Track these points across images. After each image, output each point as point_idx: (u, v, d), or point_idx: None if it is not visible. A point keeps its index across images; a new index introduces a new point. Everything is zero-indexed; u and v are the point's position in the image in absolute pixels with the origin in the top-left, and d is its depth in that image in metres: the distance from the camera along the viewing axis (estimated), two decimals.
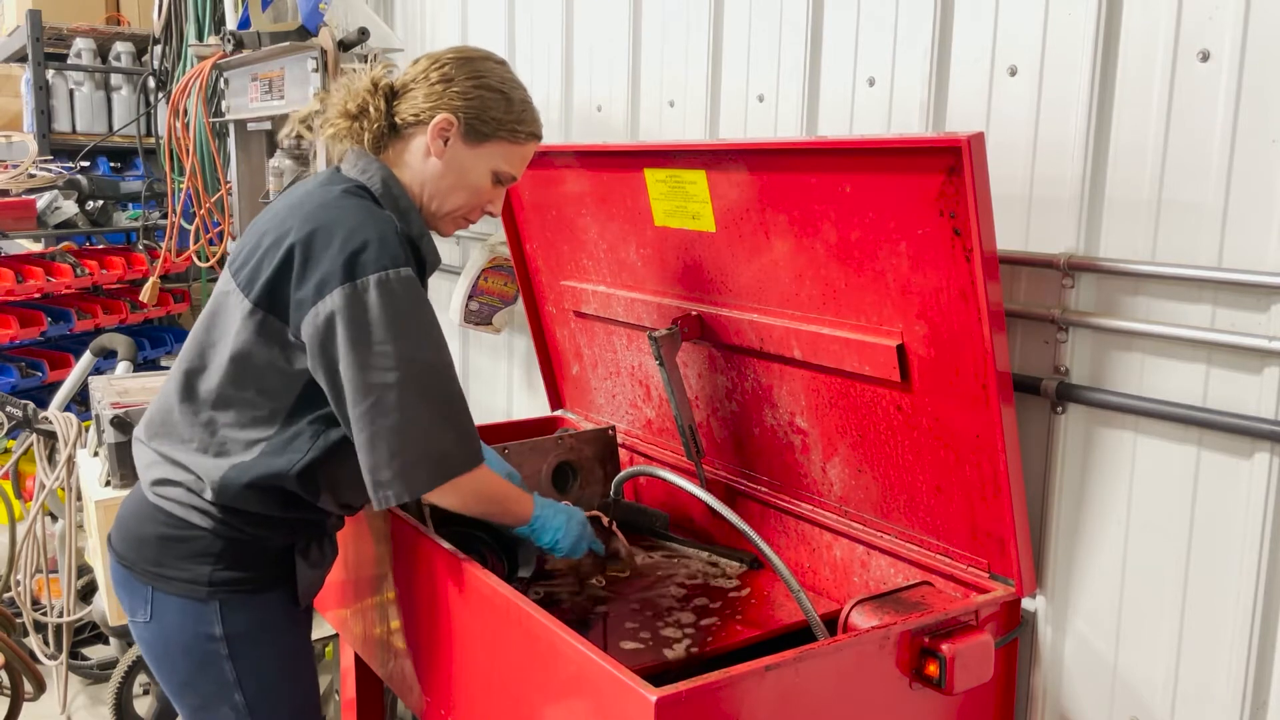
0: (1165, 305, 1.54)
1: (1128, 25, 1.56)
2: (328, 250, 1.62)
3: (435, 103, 1.75)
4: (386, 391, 1.61)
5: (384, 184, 1.77)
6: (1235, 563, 1.49)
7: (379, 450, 1.63)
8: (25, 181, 4.45)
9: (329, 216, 1.66)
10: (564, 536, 1.87)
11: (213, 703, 1.78)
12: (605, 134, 2.66)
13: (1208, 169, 1.47)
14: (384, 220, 1.69)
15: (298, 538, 1.80)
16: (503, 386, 3.27)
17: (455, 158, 1.77)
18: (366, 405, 1.61)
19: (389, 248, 1.63)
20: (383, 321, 1.61)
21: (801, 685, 1.45)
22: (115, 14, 5.67)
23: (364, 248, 1.62)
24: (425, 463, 1.65)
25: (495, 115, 1.76)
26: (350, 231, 1.63)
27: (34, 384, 4.36)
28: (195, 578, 1.73)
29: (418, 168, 1.78)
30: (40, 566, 3.31)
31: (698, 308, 2.08)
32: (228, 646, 1.75)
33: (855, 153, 1.64)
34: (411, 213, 1.78)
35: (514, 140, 1.79)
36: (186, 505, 1.73)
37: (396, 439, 1.62)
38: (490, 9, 3.14)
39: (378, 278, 1.61)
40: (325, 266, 1.62)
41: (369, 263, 1.61)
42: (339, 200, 1.71)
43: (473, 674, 1.79)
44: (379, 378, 1.61)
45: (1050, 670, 1.75)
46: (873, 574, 1.92)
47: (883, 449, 1.81)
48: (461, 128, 1.75)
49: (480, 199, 1.82)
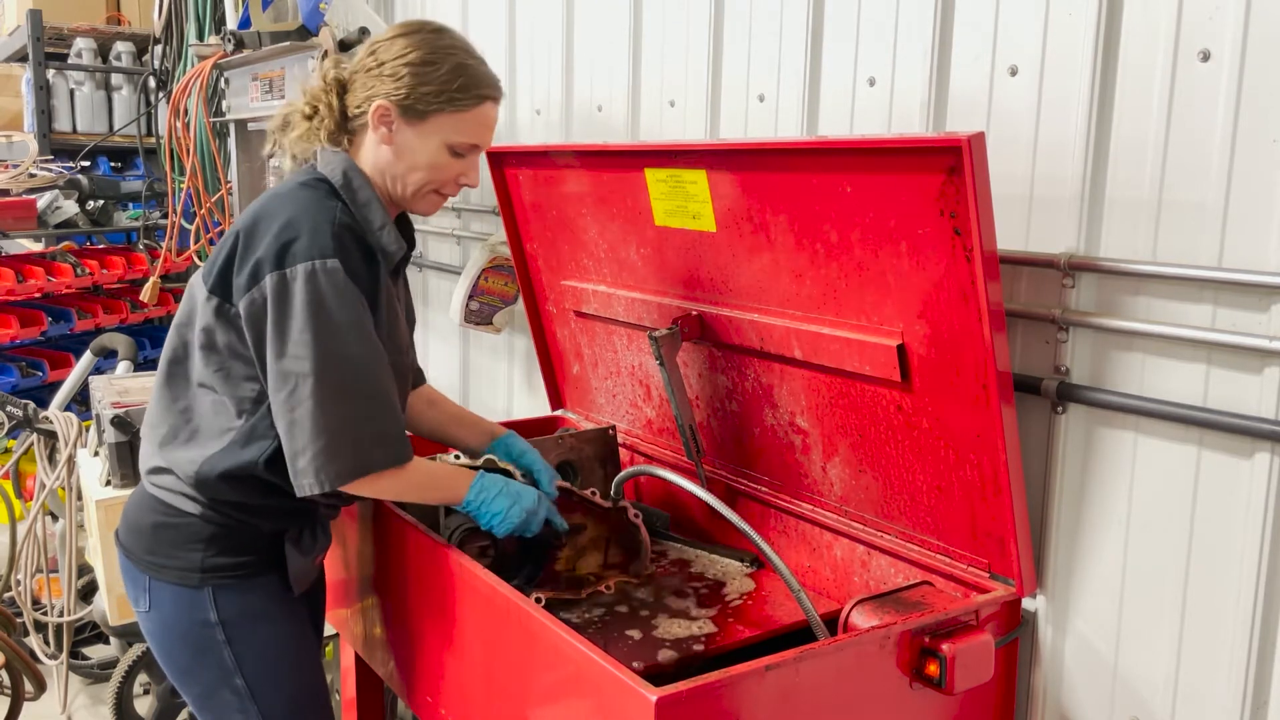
0: (1166, 305, 1.54)
1: (1128, 25, 1.56)
2: (265, 238, 1.66)
3: (371, 90, 1.75)
4: (302, 381, 1.63)
5: (344, 176, 1.76)
6: (1236, 563, 1.49)
7: (295, 439, 1.65)
8: (26, 181, 4.45)
9: (274, 206, 1.70)
10: (501, 521, 1.83)
11: (214, 689, 1.80)
12: (606, 134, 2.66)
13: (1208, 169, 1.47)
14: (324, 211, 1.69)
15: (288, 524, 1.81)
16: (503, 386, 3.27)
17: (403, 141, 1.76)
18: (285, 393, 1.64)
19: (319, 239, 1.64)
20: (303, 312, 1.62)
21: (802, 685, 1.45)
22: (116, 14, 5.67)
23: (296, 238, 1.64)
24: (339, 457, 1.65)
25: (428, 89, 1.73)
26: (287, 221, 1.66)
27: (34, 384, 4.36)
28: (188, 565, 1.76)
29: (373, 157, 1.78)
30: (41, 566, 3.31)
31: (698, 307, 2.08)
32: (224, 632, 1.77)
33: (856, 152, 1.64)
34: (372, 204, 1.76)
35: (457, 110, 1.75)
36: (176, 493, 1.77)
37: (309, 430, 1.63)
38: (491, 8, 3.14)
39: (305, 268, 1.62)
40: (259, 254, 1.65)
41: (299, 252, 1.63)
42: (291, 192, 1.74)
43: (473, 673, 1.80)
44: (295, 366, 1.63)
45: (1050, 670, 1.75)
46: (873, 574, 1.92)
47: (883, 449, 1.81)
48: (398, 110, 1.74)
49: (444, 174, 1.79)
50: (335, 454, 1.64)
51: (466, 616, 1.79)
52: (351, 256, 1.67)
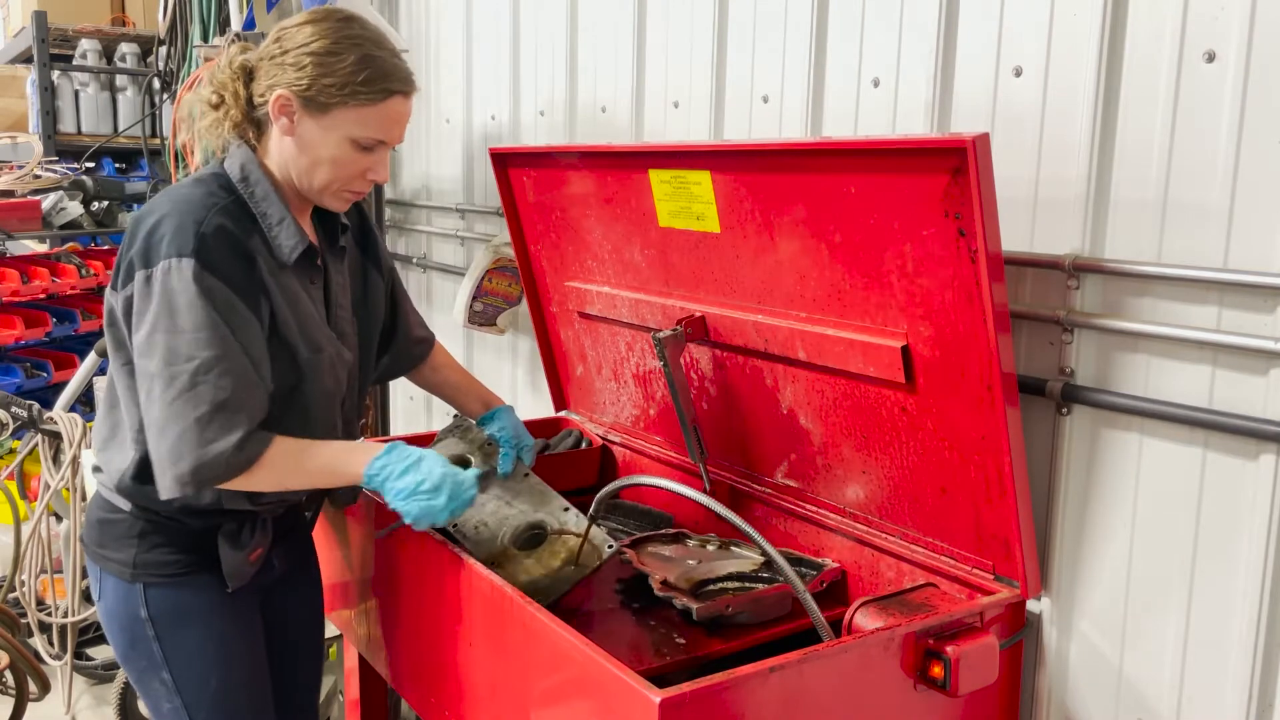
0: (1171, 306, 1.54)
1: (1133, 26, 1.55)
2: (139, 235, 1.65)
3: (273, 79, 1.69)
4: (154, 382, 1.63)
5: (241, 169, 1.73)
6: (1241, 564, 1.48)
7: (152, 439, 1.65)
8: (30, 182, 4.46)
9: (158, 203, 1.68)
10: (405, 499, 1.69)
11: (146, 677, 1.86)
12: (610, 135, 2.66)
13: (1214, 170, 1.47)
14: (195, 208, 1.64)
15: (220, 520, 1.80)
16: (507, 387, 3.27)
17: (305, 133, 1.70)
18: (143, 394, 1.65)
19: (181, 237, 1.61)
20: (155, 311, 1.61)
21: (806, 686, 1.44)
22: (120, 15, 5.68)
23: (163, 236, 1.62)
24: (180, 460, 1.62)
25: (331, 81, 1.66)
26: (160, 218, 1.64)
27: (39, 384, 4.37)
28: (124, 560, 1.80)
29: (280, 150, 1.73)
30: (45, 567, 3.32)
31: (702, 309, 2.08)
32: (153, 628, 1.81)
33: (860, 153, 1.64)
34: (269, 199, 1.72)
35: (362, 103, 1.68)
36: (111, 489, 1.81)
37: (156, 432, 1.63)
38: (494, 9, 3.15)
39: (163, 265, 1.61)
40: (132, 251, 1.65)
41: (161, 250, 1.61)
42: (179, 187, 1.72)
43: (476, 674, 1.79)
44: (148, 366, 1.63)
45: (1055, 672, 1.75)
46: (877, 575, 1.91)
47: (887, 450, 1.81)
48: (299, 101, 1.68)
49: (349, 169, 1.73)
50: (178, 457, 1.62)
51: (469, 617, 1.79)
52: (217, 255, 1.62)
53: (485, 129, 3.24)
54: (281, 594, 2.00)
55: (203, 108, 1.78)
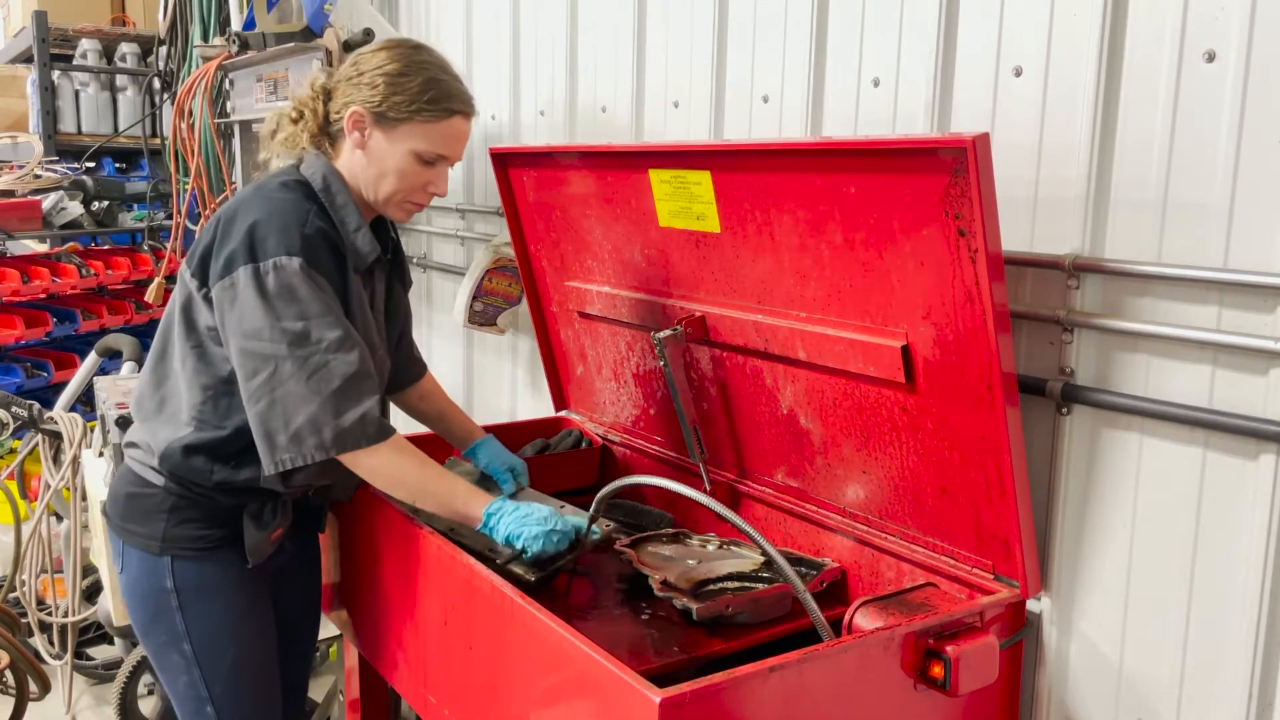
0: (1171, 306, 1.54)
1: (1133, 25, 1.55)
2: (240, 231, 1.76)
3: (349, 97, 1.87)
4: (281, 363, 1.74)
5: (324, 180, 1.87)
6: (1241, 564, 1.48)
7: (273, 419, 1.75)
8: (31, 182, 4.46)
9: (254, 202, 1.81)
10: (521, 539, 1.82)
11: (165, 649, 1.94)
12: (610, 134, 2.67)
13: (1214, 169, 1.47)
14: (297, 212, 1.79)
15: (248, 499, 1.91)
16: (507, 387, 3.27)
17: (375, 147, 1.87)
18: (263, 376, 1.76)
19: (289, 237, 1.75)
20: (278, 300, 1.73)
21: (806, 686, 1.44)
22: (120, 15, 5.68)
23: (267, 233, 1.75)
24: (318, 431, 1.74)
25: (400, 99, 1.83)
26: (259, 218, 1.76)
27: (39, 384, 4.37)
28: (151, 533, 1.89)
29: (351, 162, 1.89)
30: (45, 566, 3.32)
31: (702, 309, 2.08)
32: (177, 599, 1.90)
33: (860, 153, 1.64)
34: (348, 208, 1.87)
35: (426, 120, 1.84)
36: (146, 465, 1.90)
37: (290, 407, 1.74)
38: (494, 9, 3.15)
39: (274, 262, 1.73)
40: (233, 245, 1.76)
41: (268, 248, 1.74)
42: (272, 190, 1.83)
43: (476, 674, 1.79)
44: (271, 350, 1.74)
45: (1055, 672, 1.75)
46: (877, 575, 1.91)
47: (887, 450, 1.81)
48: (371, 117, 1.85)
49: (412, 181, 1.88)
50: (318, 427, 1.74)
51: (470, 617, 1.79)
52: (319, 256, 1.77)
53: (485, 129, 3.24)
54: (287, 579, 2.11)
55: (283, 122, 1.95)
